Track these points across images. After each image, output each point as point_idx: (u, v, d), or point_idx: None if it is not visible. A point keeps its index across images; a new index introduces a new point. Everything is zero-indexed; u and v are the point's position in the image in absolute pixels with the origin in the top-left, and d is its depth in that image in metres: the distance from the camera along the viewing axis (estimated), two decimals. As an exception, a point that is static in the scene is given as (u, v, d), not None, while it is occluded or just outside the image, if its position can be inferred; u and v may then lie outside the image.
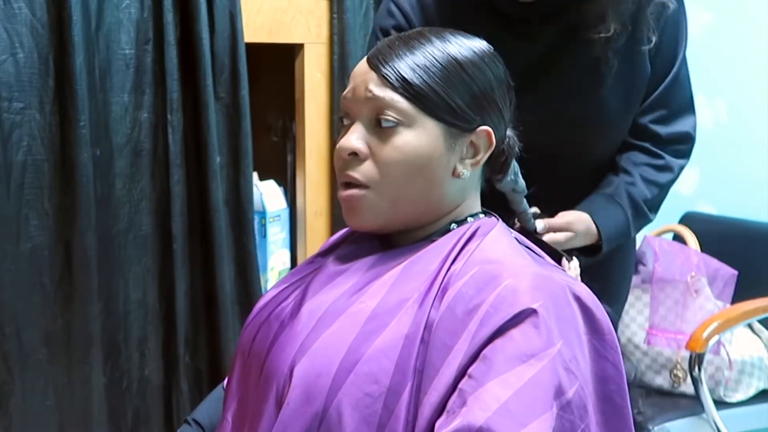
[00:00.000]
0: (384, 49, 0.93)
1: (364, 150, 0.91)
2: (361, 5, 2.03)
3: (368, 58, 0.94)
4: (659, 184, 1.38)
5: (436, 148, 0.91)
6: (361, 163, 0.92)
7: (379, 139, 0.91)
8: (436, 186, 0.92)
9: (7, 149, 1.55)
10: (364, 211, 0.93)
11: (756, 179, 2.46)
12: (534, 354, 0.79)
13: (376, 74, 0.91)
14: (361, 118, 0.93)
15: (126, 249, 1.74)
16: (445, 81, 0.91)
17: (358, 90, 0.92)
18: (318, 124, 2.04)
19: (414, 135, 0.90)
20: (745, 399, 2.06)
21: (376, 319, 0.85)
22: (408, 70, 0.90)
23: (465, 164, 0.94)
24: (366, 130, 0.92)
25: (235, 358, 1.03)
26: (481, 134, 0.94)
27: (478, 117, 0.93)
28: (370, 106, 0.91)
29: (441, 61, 0.91)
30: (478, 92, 0.93)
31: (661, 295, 2.09)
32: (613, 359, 0.87)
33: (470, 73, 0.92)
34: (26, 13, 1.54)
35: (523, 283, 0.83)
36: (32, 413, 1.63)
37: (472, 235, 0.93)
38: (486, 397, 0.77)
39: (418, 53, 0.91)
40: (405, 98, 0.90)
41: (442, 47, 0.92)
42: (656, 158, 1.38)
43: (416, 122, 0.90)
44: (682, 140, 1.40)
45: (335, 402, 0.82)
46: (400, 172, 0.90)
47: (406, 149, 0.90)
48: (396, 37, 0.95)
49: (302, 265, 1.04)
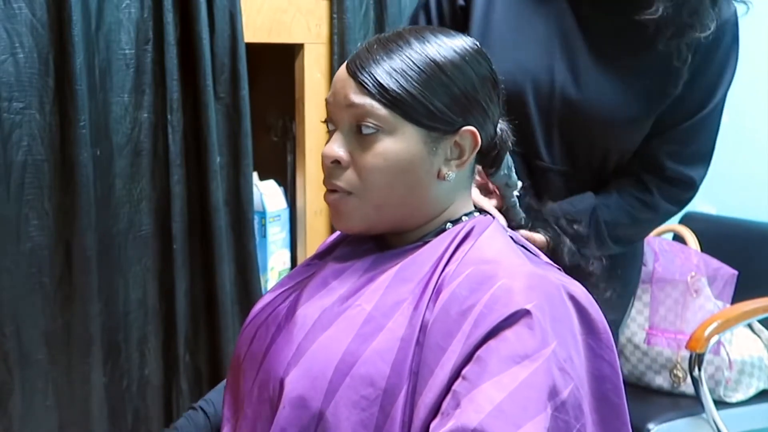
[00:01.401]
0: (362, 53, 0.93)
1: (345, 158, 0.92)
2: (361, 5, 2.03)
3: (347, 64, 0.93)
4: (634, 216, 1.32)
5: (417, 152, 0.91)
6: (344, 170, 0.92)
7: (360, 147, 0.91)
8: (420, 189, 0.92)
9: (7, 149, 1.55)
10: (350, 215, 0.93)
11: (756, 179, 2.46)
12: (528, 355, 0.79)
13: (354, 81, 0.91)
14: (342, 124, 0.93)
15: (126, 249, 1.74)
16: (424, 84, 0.90)
17: (338, 96, 0.92)
18: (318, 124, 2.03)
19: (394, 141, 0.90)
20: (745, 399, 2.06)
21: (371, 322, 0.86)
22: (385, 76, 0.90)
23: (450, 166, 0.93)
24: (347, 138, 0.92)
25: (233, 361, 1.03)
26: (465, 135, 0.93)
27: (459, 118, 0.92)
28: (349, 113, 0.91)
29: (419, 63, 0.90)
30: (459, 93, 0.92)
31: (661, 295, 2.09)
32: (608, 358, 0.87)
33: (449, 74, 0.91)
34: (26, 13, 1.54)
35: (518, 283, 0.83)
36: (32, 413, 1.63)
37: (466, 235, 0.93)
38: (480, 399, 0.77)
39: (396, 57, 0.91)
40: (383, 105, 0.89)
41: (421, 49, 0.91)
42: (645, 193, 1.32)
43: (396, 128, 0.90)
44: (684, 185, 1.35)
45: (332, 405, 0.83)
46: (382, 178, 0.90)
47: (386, 156, 0.90)
48: (375, 39, 0.94)
49: (299, 268, 1.04)
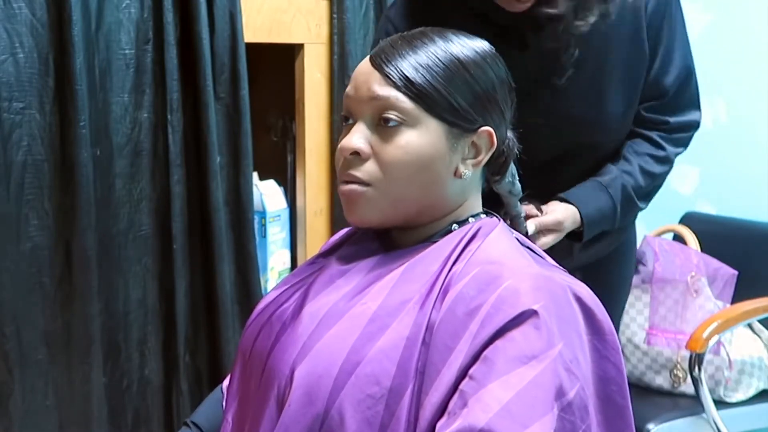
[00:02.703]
0: (387, 48, 0.93)
1: (366, 149, 0.91)
2: (361, 5, 2.03)
3: (371, 57, 0.93)
4: (655, 174, 1.38)
5: (439, 147, 0.91)
6: (364, 162, 0.91)
7: (382, 139, 0.91)
8: (437, 186, 0.92)
9: (7, 149, 1.54)
10: (365, 207, 0.92)
11: (756, 179, 2.46)
12: (535, 355, 0.79)
13: (379, 73, 0.91)
14: (363, 117, 0.92)
15: (126, 249, 1.74)
16: (448, 80, 0.90)
17: (361, 89, 0.92)
18: (318, 124, 2.03)
19: (417, 134, 0.90)
20: (745, 399, 2.06)
21: (377, 321, 0.85)
22: (411, 69, 0.90)
23: (467, 164, 0.94)
24: (368, 130, 0.92)
25: (236, 359, 1.03)
26: (482, 135, 0.93)
27: (479, 117, 0.93)
28: (372, 106, 0.91)
29: (444, 60, 0.91)
30: (481, 92, 0.92)
31: (661, 295, 2.09)
32: (614, 359, 0.87)
33: (473, 72, 0.92)
34: (26, 13, 1.54)
35: (524, 283, 0.83)
36: (32, 413, 1.63)
37: (473, 236, 0.92)
38: (487, 398, 0.77)
39: (421, 52, 0.91)
40: (408, 97, 0.90)
41: (445, 47, 0.92)
42: (659, 149, 1.38)
43: (419, 122, 0.90)
44: (688, 129, 1.41)
45: (337, 403, 0.82)
46: (403, 171, 0.90)
47: (409, 148, 0.90)
48: (399, 36, 0.94)
49: (303, 266, 1.04)
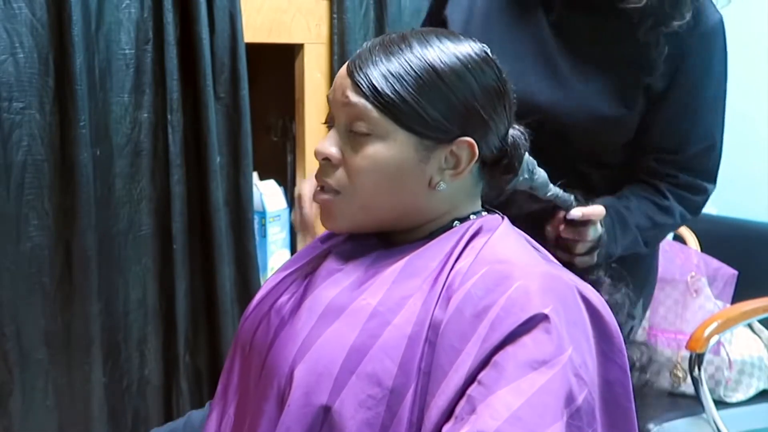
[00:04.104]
0: (364, 53, 0.92)
1: (336, 156, 0.92)
2: (361, 5, 2.02)
3: (348, 63, 0.93)
4: (655, 221, 1.31)
5: (408, 159, 0.90)
6: (335, 169, 0.92)
7: (352, 147, 0.91)
8: (410, 196, 0.92)
9: (7, 149, 1.54)
10: (336, 215, 0.94)
11: (756, 179, 2.46)
12: (546, 361, 0.78)
13: (351, 80, 0.91)
14: (338, 122, 0.93)
15: (126, 249, 1.73)
16: (419, 91, 0.89)
17: (337, 93, 0.92)
18: (318, 124, 2.03)
19: (384, 146, 0.89)
20: (745, 399, 2.06)
21: (377, 317, 0.85)
22: (381, 79, 0.89)
23: (443, 175, 0.92)
24: (340, 136, 0.92)
25: (233, 351, 1.02)
26: (461, 145, 0.91)
27: (456, 128, 0.90)
28: (345, 112, 0.91)
29: (417, 69, 0.89)
30: (457, 102, 0.90)
31: (661, 295, 2.09)
32: (620, 361, 0.86)
33: (448, 82, 0.89)
34: (26, 13, 1.54)
35: (534, 284, 0.83)
36: (32, 413, 1.63)
37: (476, 232, 0.91)
38: (497, 405, 0.76)
39: (395, 60, 0.89)
40: (376, 108, 0.89)
41: (421, 54, 0.90)
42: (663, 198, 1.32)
43: (388, 133, 0.89)
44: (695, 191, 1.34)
45: (337, 403, 0.82)
46: (369, 181, 0.90)
47: (375, 159, 0.89)
48: (379, 40, 0.93)
49: (305, 249, 1.03)
